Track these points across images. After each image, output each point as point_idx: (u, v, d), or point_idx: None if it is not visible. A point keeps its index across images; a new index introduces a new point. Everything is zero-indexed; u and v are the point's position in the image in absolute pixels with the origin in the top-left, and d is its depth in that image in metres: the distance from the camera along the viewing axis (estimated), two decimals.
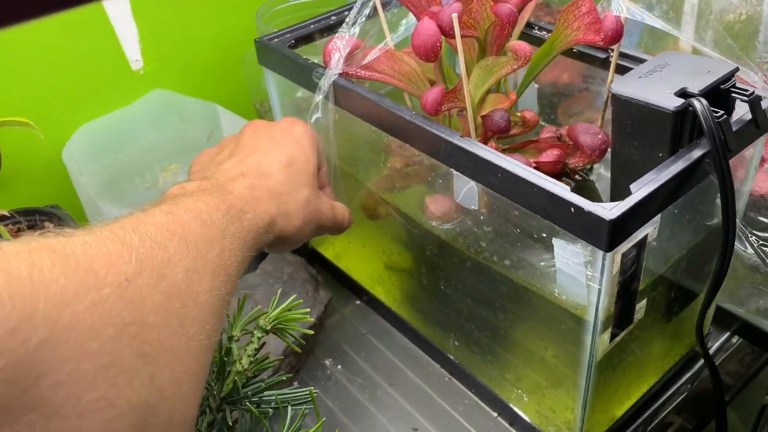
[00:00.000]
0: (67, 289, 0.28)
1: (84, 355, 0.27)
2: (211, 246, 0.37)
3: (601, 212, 0.39)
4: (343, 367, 0.66)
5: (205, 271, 0.36)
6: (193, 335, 0.34)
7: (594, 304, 0.44)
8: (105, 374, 0.28)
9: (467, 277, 0.57)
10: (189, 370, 0.33)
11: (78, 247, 0.30)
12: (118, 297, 0.29)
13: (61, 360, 0.26)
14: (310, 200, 0.51)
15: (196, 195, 0.42)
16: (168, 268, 0.33)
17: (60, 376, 0.26)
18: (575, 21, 0.53)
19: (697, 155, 0.44)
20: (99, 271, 0.29)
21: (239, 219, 0.42)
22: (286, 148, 0.52)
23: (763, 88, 0.47)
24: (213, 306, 0.36)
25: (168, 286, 0.33)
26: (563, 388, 0.53)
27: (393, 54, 0.56)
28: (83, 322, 0.28)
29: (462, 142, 0.47)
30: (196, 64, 0.86)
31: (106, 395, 0.28)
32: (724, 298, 0.64)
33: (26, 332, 0.26)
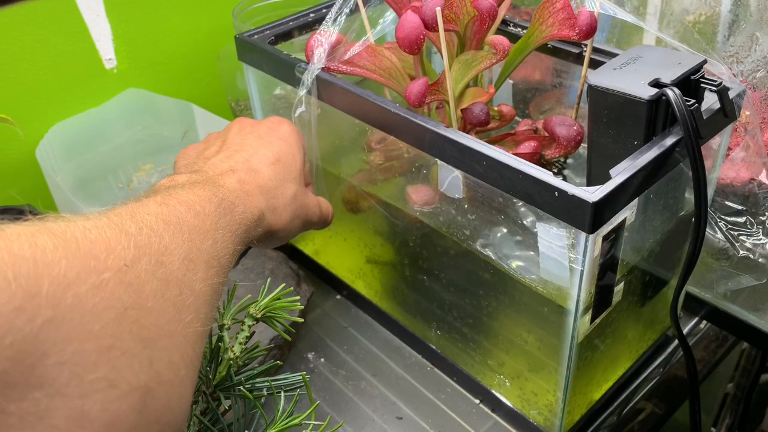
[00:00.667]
0: (69, 271, 0.28)
1: (87, 336, 0.28)
2: (204, 237, 0.38)
3: (585, 195, 0.41)
4: (326, 360, 0.66)
5: (200, 261, 0.37)
6: (189, 322, 0.34)
7: (576, 285, 0.46)
8: (106, 356, 0.29)
9: (449, 266, 0.58)
10: (185, 355, 0.34)
11: (78, 231, 0.30)
12: (118, 281, 0.30)
13: (64, 340, 0.27)
14: (297, 196, 0.52)
15: (188, 187, 0.42)
16: (165, 256, 0.34)
17: (64, 356, 0.27)
18: (550, 17, 0.55)
19: (671, 142, 0.46)
20: (99, 255, 0.30)
21: (230, 212, 0.43)
22: (273, 145, 0.52)
23: (729, 79, 0.50)
24: (207, 295, 0.37)
25: (165, 273, 0.33)
26: (545, 372, 0.54)
27: (374, 49, 0.57)
28: (85, 303, 0.28)
29: (447, 132, 0.48)
30: (170, 63, 0.85)
31: (108, 376, 0.28)
32: (694, 283, 0.66)
33: (31, 311, 0.26)
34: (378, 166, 0.62)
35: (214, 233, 0.39)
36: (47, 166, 0.73)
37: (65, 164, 0.79)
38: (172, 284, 0.34)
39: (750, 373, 0.99)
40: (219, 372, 0.43)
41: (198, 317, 0.35)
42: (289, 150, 0.53)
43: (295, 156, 0.53)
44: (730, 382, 1.04)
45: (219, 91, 0.87)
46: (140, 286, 0.31)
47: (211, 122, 0.82)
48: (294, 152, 0.54)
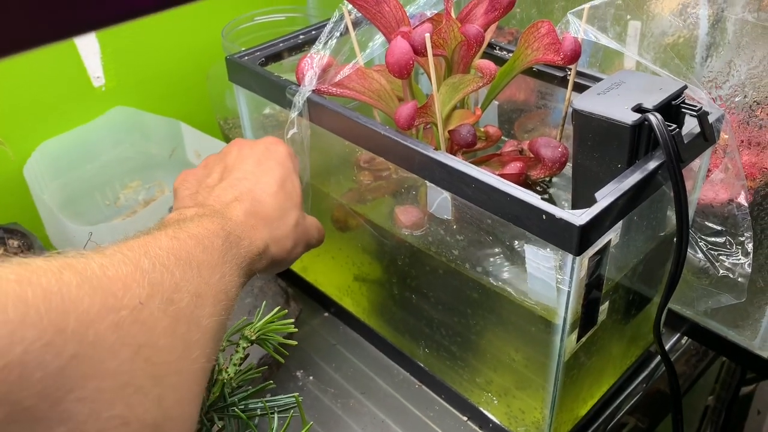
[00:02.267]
0: (92, 308, 0.29)
1: (105, 374, 0.29)
2: (213, 271, 0.39)
3: (572, 218, 0.42)
4: (314, 378, 0.67)
5: (208, 296, 0.37)
6: (196, 358, 0.35)
7: (563, 305, 0.47)
8: (122, 393, 0.29)
9: (437, 284, 0.59)
10: (191, 391, 0.35)
11: (97, 268, 0.31)
12: (133, 320, 0.31)
13: (86, 376, 0.28)
14: (299, 222, 0.53)
15: (197, 220, 0.43)
16: (176, 293, 0.35)
17: (85, 392, 0.28)
18: (535, 41, 0.56)
19: (653, 166, 0.47)
20: (117, 293, 0.31)
21: (237, 245, 0.43)
22: (275, 171, 0.53)
23: (708, 104, 0.51)
24: (213, 330, 0.37)
25: (176, 311, 0.34)
26: (532, 389, 0.55)
27: (363, 72, 0.58)
28: (105, 341, 0.29)
29: (436, 155, 0.49)
30: (159, 81, 0.86)
31: (122, 414, 0.29)
32: (675, 301, 0.68)
33: (59, 346, 0.27)
34: (367, 185, 0.63)
35: (221, 267, 0.40)
36: (34, 184, 0.73)
37: (52, 182, 0.79)
38: (182, 321, 0.34)
39: (730, 386, 1.01)
40: (213, 393, 0.44)
41: (204, 353, 0.36)
42: (289, 175, 0.54)
43: (294, 182, 0.54)
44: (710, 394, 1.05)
45: (207, 109, 0.88)
46: (153, 324, 0.32)
47: (199, 140, 0.82)
48: (293, 177, 0.54)
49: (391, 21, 0.58)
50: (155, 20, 0.82)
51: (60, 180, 0.80)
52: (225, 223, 0.43)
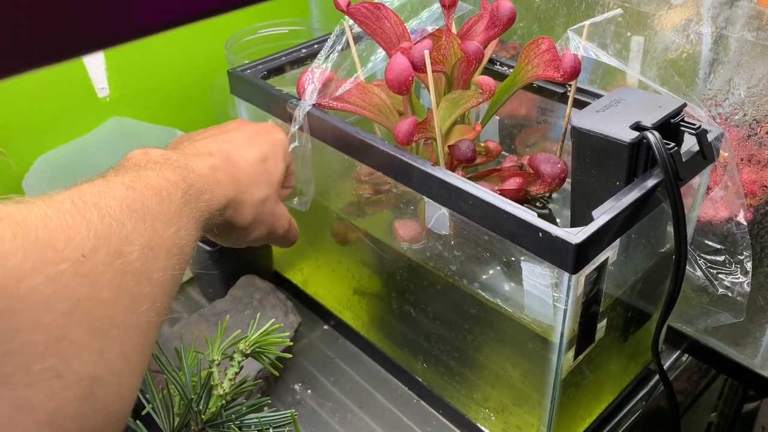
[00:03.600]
0: (25, 262, 0.28)
1: (36, 328, 0.28)
2: (168, 224, 0.38)
3: (568, 237, 0.42)
4: (312, 391, 0.67)
5: (161, 250, 0.36)
6: (144, 312, 0.34)
7: (560, 323, 0.47)
8: (55, 347, 0.29)
9: (435, 299, 0.59)
10: (138, 345, 0.34)
11: (39, 220, 0.30)
12: (73, 273, 0.30)
13: (13, 330, 0.27)
14: (267, 201, 0.52)
15: (158, 169, 0.42)
16: (125, 246, 0.34)
17: (12, 346, 0.27)
18: (535, 58, 0.57)
19: (651, 184, 0.47)
20: (57, 245, 0.30)
21: (197, 198, 0.42)
22: (262, 147, 0.53)
23: (708, 122, 0.51)
24: (165, 284, 0.36)
25: (123, 264, 0.33)
26: (529, 406, 0.55)
27: (364, 86, 0.58)
28: (38, 295, 0.28)
29: (435, 171, 0.49)
30: (163, 93, 0.86)
31: (55, 367, 0.29)
32: (675, 318, 0.67)
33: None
34: (367, 199, 0.63)
35: (178, 221, 0.39)
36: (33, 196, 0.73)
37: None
38: (130, 275, 0.34)
39: (733, 402, 1.00)
40: (209, 408, 0.44)
41: (154, 307, 0.35)
42: (274, 157, 0.54)
43: (278, 164, 0.54)
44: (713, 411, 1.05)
45: (211, 120, 0.88)
46: (96, 278, 0.31)
47: None
48: (278, 160, 0.54)
49: (392, 36, 0.58)
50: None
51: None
52: (187, 175, 0.42)
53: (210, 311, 0.68)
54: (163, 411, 0.45)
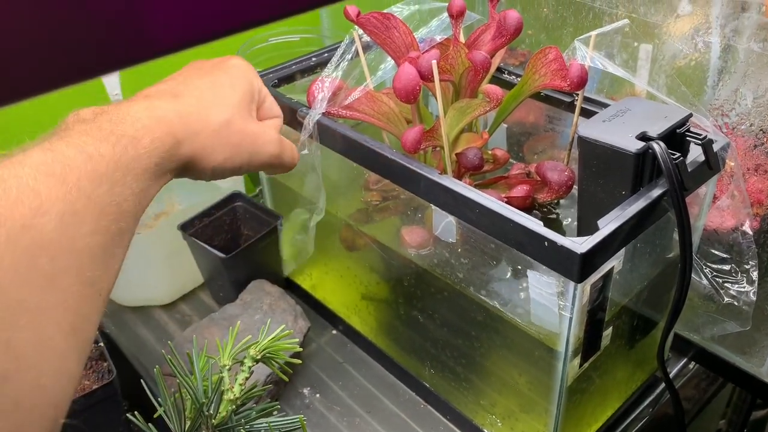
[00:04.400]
0: None
1: None
2: (98, 183, 0.34)
3: (573, 246, 0.43)
4: (321, 395, 0.68)
5: (88, 212, 0.33)
6: (68, 287, 0.31)
7: (565, 331, 0.47)
8: None
9: (442, 306, 0.60)
10: (63, 325, 0.30)
11: None
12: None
13: None
14: (232, 122, 0.46)
15: (86, 125, 0.38)
16: (36, 218, 0.30)
17: None
18: (543, 67, 0.57)
19: (657, 194, 0.48)
20: None
21: (134, 146, 0.37)
22: (211, 75, 0.48)
23: (714, 132, 0.52)
24: (95, 249, 0.33)
25: (32, 239, 0.30)
26: (535, 413, 0.56)
27: (373, 95, 0.59)
28: None
29: (441, 179, 0.50)
30: None
31: None
32: (682, 326, 0.68)
33: None
34: (375, 206, 0.64)
35: (110, 176, 0.35)
36: None
37: None
38: (42, 250, 0.30)
39: (741, 410, 1.00)
40: (219, 412, 0.45)
41: (80, 278, 0.32)
42: (228, 78, 0.48)
43: (234, 84, 0.48)
44: (722, 418, 1.04)
45: None
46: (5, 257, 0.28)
47: None
48: (233, 80, 0.48)
49: (400, 46, 0.59)
50: None
51: None
52: (116, 126, 0.38)
53: (221, 315, 0.69)
54: (175, 414, 0.46)
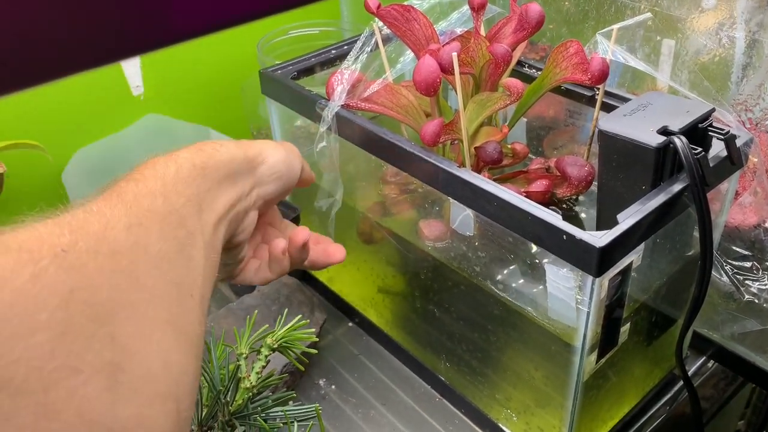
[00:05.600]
0: (4, 267, 0.28)
1: (35, 328, 0.27)
2: (151, 198, 0.38)
3: (592, 240, 0.42)
4: (336, 387, 0.68)
5: (151, 222, 0.36)
6: (153, 287, 0.34)
7: (583, 326, 0.47)
8: (61, 342, 0.28)
9: (459, 299, 0.59)
10: (157, 320, 0.33)
11: (6, 234, 0.30)
12: (57, 267, 0.29)
13: (11, 338, 0.27)
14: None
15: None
16: (107, 231, 0.33)
17: (15, 353, 0.26)
18: (564, 61, 0.57)
19: (678, 189, 0.47)
20: (32, 248, 0.29)
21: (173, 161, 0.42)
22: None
23: (737, 128, 0.51)
24: (168, 252, 0.36)
25: (109, 247, 0.32)
26: (551, 408, 0.55)
27: (392, 87, 0.59)
28: (26, 295, 0.28)
29: (460, 172, 0.50)
30: (196, 91, 0.88)
31: (68, 363, 0.28)
32: (701, 324, 0.67)
33: None
34: (392, 199, 0.64)
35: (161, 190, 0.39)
36: (73, 190, 0.76)
37: (88, 188, 0.81)
38: (120, 255, 0.33)
39: (760, 411, 0.99)
40: (236, 401, 0.45)
41: (163, 279, 0.35)
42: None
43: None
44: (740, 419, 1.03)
45: (242, 119, 0.90)
46: (83, 267, 0.30)
47: None
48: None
49: (421, 38, 0.59)
50: None
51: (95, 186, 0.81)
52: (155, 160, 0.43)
53: (238, 306, 0.69)
54: None
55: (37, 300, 0.28)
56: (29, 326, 0.27)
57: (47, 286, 0.28)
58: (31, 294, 0.28)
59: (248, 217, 0.47)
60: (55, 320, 0.28)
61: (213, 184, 0.43)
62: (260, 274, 0.53)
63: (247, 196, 0.46)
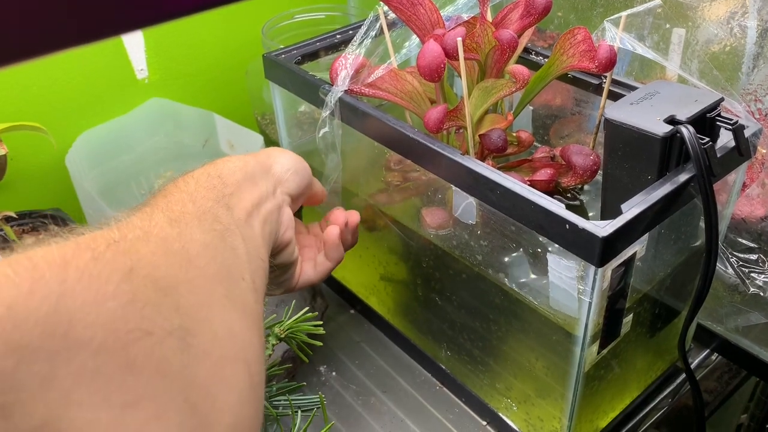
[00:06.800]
0: (65, 252, 0.30)
1: (104, 297, 0.30)
2: (182, 203, 0.40)
3: (595, 229, 0.42)
4: (337, 373, 0.68)
5: (190, 222, 0.39)
6: (205, 266, 0.36)
7: (584, 316, 0.47)
8: (132, 308, 0.31)
9: (461, 288, 0.59)
10: (215, 293, 0.36)
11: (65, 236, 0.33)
12: (113, 251, 0.32)
13: (84, 305, 0.29)
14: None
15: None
16: (152, 224, 0.36)
17: (90, 317, 0.29)
18: (571, 48, 0.56)
19: (684, 179, 0.47)
20: (87, 241, 0.32)
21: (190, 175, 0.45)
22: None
23: (746, 118, 0.50)
24: (213, 242, 0.39)
25: (158, 234, 0.36)
26: (552, 398, 0.55)
27: (396, 73, 0.58)
28: (90, 272, 0.30)
29: (463, 160, 0.49)
30: (200, 75, 0.88)
31: (140, 327, 0.31)
32: (705, 316, 0.66)
33: (41, 291, 0.28)
34: (395, 186, 0.63)
35: (190, 194, 0.42)
36: (75, 173, 0.75)
37: (91, 171, 0.81)
38: (171, 241, 0.36)
39: (764, 404, 0.98)
40: None
41: (213, 260, 0.37)
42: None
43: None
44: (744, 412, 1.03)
45: (246, 103, 0.89)
46: (136, 251, 0.33)
47: (232, 131, 0.83)
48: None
49: (426, 23, 0.58)
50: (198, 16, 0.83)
51: (98, 169, 0.82)
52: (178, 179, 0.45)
53: None
54: None
55: (101, 275, 0.30)
56: (98, 296, 0.30)
57: (108, 264, 0.31)
58: (95, 271, 0.30)
59: (284, 214, 0.50)
60: (121, 291, 0.31)
61: (234, 188, 0.45)
62: (319, 268, 0.57)
63: (273, 195, 0.49)
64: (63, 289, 0.29)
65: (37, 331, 0.27)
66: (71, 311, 0.29)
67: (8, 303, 0.27)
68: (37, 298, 0.28)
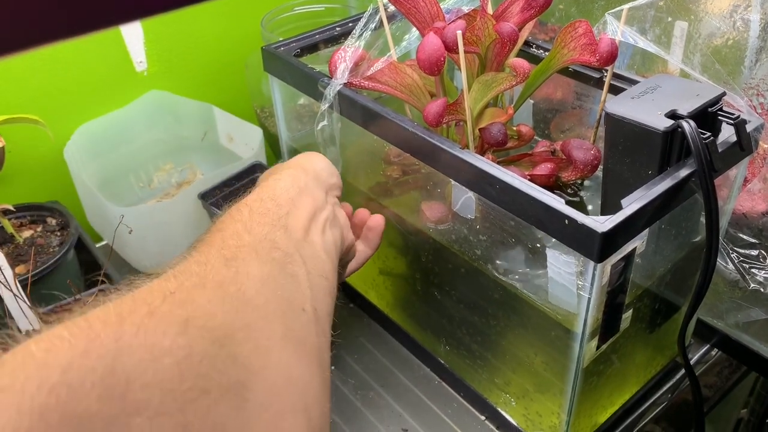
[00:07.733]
0: (121, 309, 0.30)
1: (161, 353, 0.29)
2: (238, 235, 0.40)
3: (594, 225, 0.41)
4: (336, 368, 0.68)
5: (248, 254, 0.38)
6: (264, 305, 0.36)
7: (583, 312, 0.46)
8: (187, 365, 0.30)
9: (460, 283, 0.59)
10: (273, 336, 0.35)
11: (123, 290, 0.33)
12: (169, 304, 0.32)
13: (141, 362, 0.28)
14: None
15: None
16: (207, 269, 0.36)
17: (147, 376, 0.28)
18: (572, 41, 0.55)
19: (684, 174, 0.46)
20: (144, 296, 0.32)
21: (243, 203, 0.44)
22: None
23: (748, 113, 0.50)
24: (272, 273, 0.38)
25: (213, 279, 0.35)
26: (550, 393, 0.55)
27: (396, 66, 0.58)
28: (146, 327, 0.30)
29: (462, 154, 0.49)
30: (199, 68, 0.87)
31: (196, 385, 0.30)
32: (705, 312, 0.66)
33: (96, 351, 0.28)
34: (395, 179, 0.63)
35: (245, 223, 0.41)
36: (74, 165, 0.75)
37: (90, 164, 0.81)
38: (225, 284, 0.35)
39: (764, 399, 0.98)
40: None
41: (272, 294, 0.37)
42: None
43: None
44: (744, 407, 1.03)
45: (245, 96, 0.89)
46: (191, 301, 0.33)
47: (231, 124, 0.83)
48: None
49: (426, 16, 0.57)
50: (197, 8, 0.83)
51: (97, 162, 0.82)
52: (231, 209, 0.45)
53: None
54: None
55: (157, 330, 0.30)
56: (154, 352, 0.29)
57: (164, 318, 0.31)
58: (151, 326, 0.30)
59: (340, 216, 0.51)
60: (177, 345, 0.30)
61: (289, 206, 0.45)
62: (360, 256, 0.58)
63: (325, 202, 0.49)
64: (119, 347, 0.28)
65: (94, 396, 0.27)
66: (128, 370, 0.28)
67: (63, 366, 0.27)
68: (93, 357, 0.27)
